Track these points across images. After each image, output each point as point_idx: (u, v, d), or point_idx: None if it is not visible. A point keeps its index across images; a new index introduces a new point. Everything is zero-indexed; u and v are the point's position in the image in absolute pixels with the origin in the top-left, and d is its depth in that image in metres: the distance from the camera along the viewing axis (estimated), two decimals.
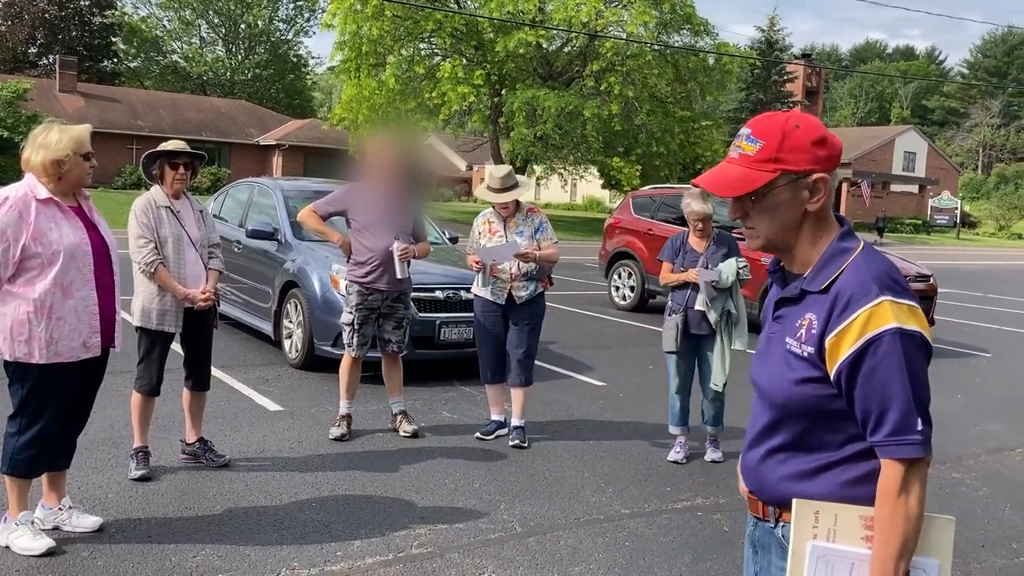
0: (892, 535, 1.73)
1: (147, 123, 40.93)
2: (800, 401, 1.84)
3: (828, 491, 1.82)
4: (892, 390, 1.72)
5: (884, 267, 1.80)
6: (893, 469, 1.73)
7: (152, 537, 4.07)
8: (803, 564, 1.84)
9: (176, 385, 5.37)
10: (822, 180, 1.83)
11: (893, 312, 1.73)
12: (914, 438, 1.71)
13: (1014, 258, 35.50)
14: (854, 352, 1.73)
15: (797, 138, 1.83)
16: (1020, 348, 11.48)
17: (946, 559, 1.78)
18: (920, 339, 1.74)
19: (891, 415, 1.72)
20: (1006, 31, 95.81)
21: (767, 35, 45.18)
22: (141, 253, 4.74)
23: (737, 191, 1.86)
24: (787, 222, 1.86)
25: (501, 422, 6.03)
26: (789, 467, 1.88)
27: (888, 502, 1.74)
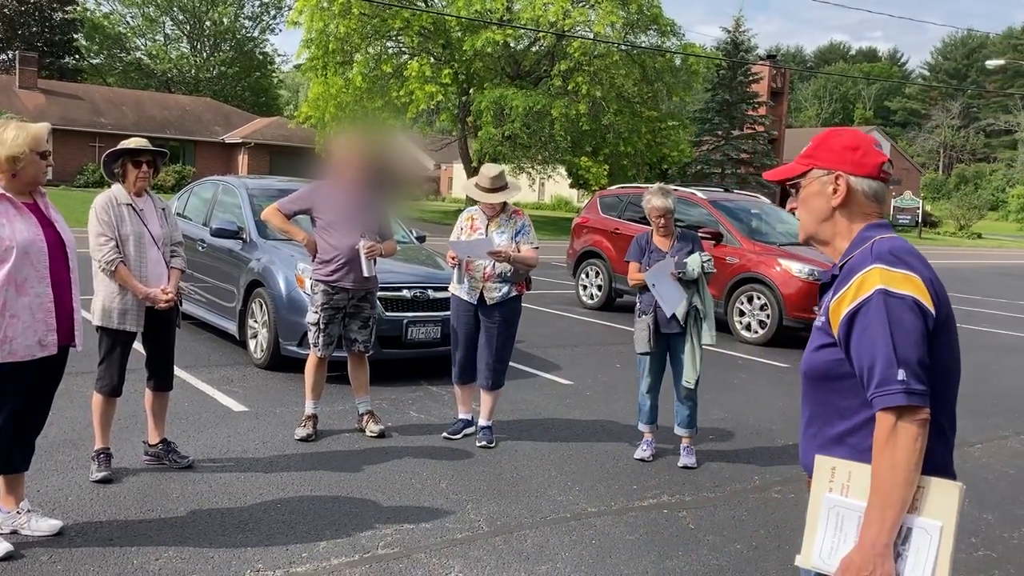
0: (879, 484, 1.83)
1: (110, 120, 40.36)
2: (817, 367, 2.02)
3: (852, 457, 1.95)
4: (877, 346, 1.85)
5: (891, 246, 1.96)
6: (881, 419, 1.85)
7: (113, 540, 4.02)
8: (818, 515, 1.95)
9: (139, 385, 5.30)
10: (841, 178, 2.06)
11: (881, 277, 1.89)
12: (895, 387, 1.82)
13: (974, 257, 36.11)
14: (848, 313, 1.91)
15: (832, 141, 2.11)
16: (981, 345, 11.68)
17: (949, 522, 1.81)
18: (912, 301, 1.87)
19: (876, 368, 1.85)
20: (965, 34, 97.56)
21: (733, 36, 45.48)
22: (102, 251, 4.66)
23: (778, 177, 2.19)
24: (818, 214, 2.10)
25: (468, 421, 6.01)
26: (818, 439, 2.04)
27: (876, 452, 1.85)
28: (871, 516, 1.84)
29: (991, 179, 79.82)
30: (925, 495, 1.84)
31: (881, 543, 1.82)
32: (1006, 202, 70.26)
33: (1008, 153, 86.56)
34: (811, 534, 1.98)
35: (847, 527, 1.91)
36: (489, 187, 5.70)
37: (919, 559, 1.83)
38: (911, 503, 1.84)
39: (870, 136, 2.15)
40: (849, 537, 1.90)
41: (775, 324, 10.51)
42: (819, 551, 1.96)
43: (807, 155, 2.13)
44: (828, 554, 1.94)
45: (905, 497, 1.82)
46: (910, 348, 1.85)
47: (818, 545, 1.96)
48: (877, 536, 1.82)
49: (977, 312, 15.63)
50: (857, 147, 2.07)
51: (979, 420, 7.46)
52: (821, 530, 1.95)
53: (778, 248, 11.03)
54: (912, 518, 1.85)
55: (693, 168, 42.11)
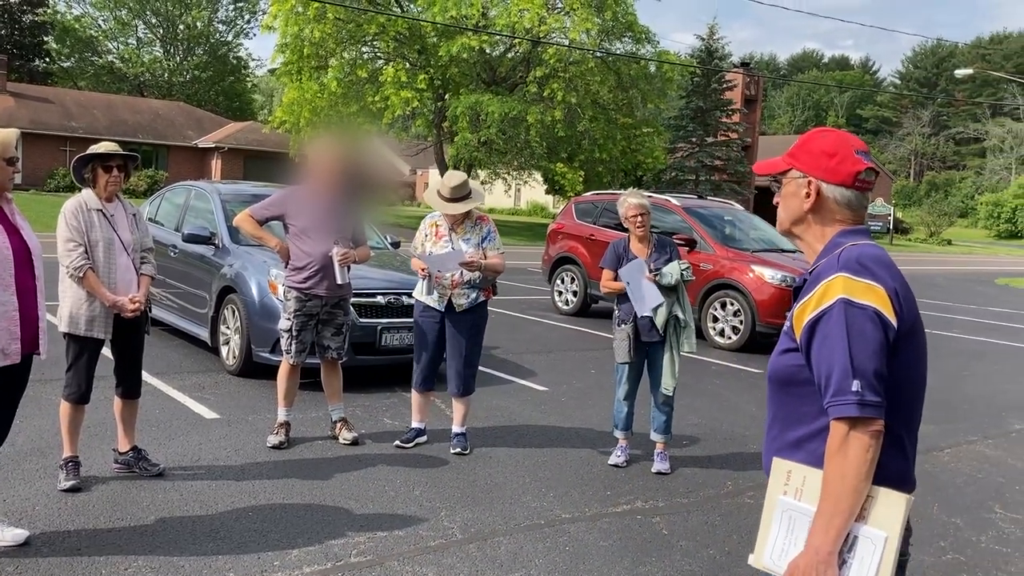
0: (828, 492, 1.84)
1: (81, 124, 39.93)
2: (780, 371, 2.03)
3: (808, 462, 1.96)
4: (834, 355, 1.86)
5: (859, 254, 1.94)
6: (835, 429, 1.85)
7: (82, 550, 3.96)
8: (772, 517, 1.97)
9: (108, 392, 5.23)
10: (811, 184, 2.06)
11: (844, 286, 1.89)
12: (848, 398, 1.83)
13: (944, 263, 36.55)
14: (810, 321, 1.91)
15: (812, 144, 2.09)
16: (950, 351, 11.81)
17: (893, 533, 1.83)
18: (872, 312, 1.87)
19: (833, 378, 1.86)
20: (935, 43, 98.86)
21: (707, 44, 45.76)
22: (70, 257, 4.60)
23: (763, 171, 2.19)
24: (793, 213, 2.11)
25: (421, 430, 5.98)
26: (777, 443, 2.05)
27: (828, 460, 1.86)
28: (818, 523, 1.85)
29: (961, 186, 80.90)
30: (873, 505, 1.86)
31: (825, 550, 1.83)
32: (975, 209, 71.21)
33: (977, 161, 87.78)
34: (764, 535, 2.00)
35: (798, 530, 1.93)
36: (450, 196, 5.61)
37: (862, 567, 1.84)
38: (859, 512, 1.85)
39: (853, 141, 2.09)
40: (799, 540, 1.92)
41: (748, 330, 10.58)
42: (770, 552, 1.98)
43: (791, 154, 2.13)
44: (779, 556, 1.96)
45: (853, 506, 1.83)
46: (867, 359, 1.85)
47: (770, 546, 1.98)
48: (822, 543, 1.83)
49: (947, 318, 15.82)
50: (834, 153, 2.05)
51: (948, 425, 7.54)
52: (774, 532, 1.98)
53: (751, 255, 11.11)
54: (859, 526, 1.86)
55: (668, 175, 42.30)
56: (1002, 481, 6.04)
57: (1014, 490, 5.86)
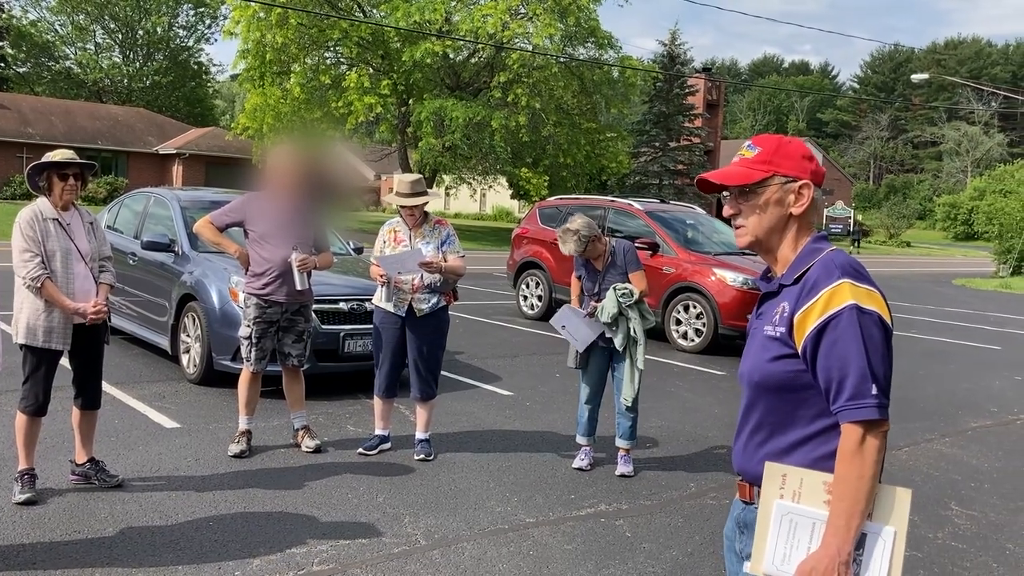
0: (846, 493, 1.87)
1: (38, 131, 39.27)
2: (773, 377, 2.02)
3: (804, 465, 1.98)
4: (849, 360, 1.89)
5: (849, 260, 2.01)
6: (850, 431, 1.89)
7: (37, 563, 3.90)
8: (769, 522, 1.96)
9: (66, 403, 5.15)
10: (806, 187, 2.07)
11: (852, 292, 1.93)
12: (869, 402, 1.88)
13: (903, 265, 37.15)
14: (817, 326, 1.93)
15: (789, 149, 2.10)
16: (908, 351, 12.00)
17: (902, 527, 1.89)
18: (878, 318, 1.94)
19: (849, 382, 1.89)
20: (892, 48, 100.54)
21: (669, 49, 46.17)
22: (27, 267, 4.53)
23: (737, 181, 2.11)
24: (774, 222, 2.09)
25: (385, 437, 5.96)
26: (767, 447, 2.05)
27: (844, 462, 1.89)
28: (837, 524, 1.87)
29: (919, 189, 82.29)
30: (879, 502, 1.91)
31: (846, 550, 1.86)
32: (933, 211, 72.44)
33: (934, 164, 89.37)
34: (761, 541, 1.99)
35: (800, 533, 1.94)
36: (408, 192, 5.67)
37: (875, 563, 1.88)
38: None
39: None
40: (802, 544, 1.93)
41: (711, 332, 10.67)
42: (771, 558, 1.97)
43: (766, 160, 2.09)
44: (781, 560, 1.95)
45: (868, 506, 1.88)
46: (880, 363, 1.92)
47: (770, 552, 1.97)
48: (843, 543, 1.86)
49: (906, 319, 16.07)
50: (812, 157, 2.11)
51: (906, 424, 7.66)
52: (772, 537, 1.97)
53: (713, 258, 11.21)
54: (867, 524, 1.90)
55: (631, 179, 42.62)
56: (958, 478, 6.15)
57: (969, 487, 5.97)
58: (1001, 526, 5.23)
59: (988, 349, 12.71)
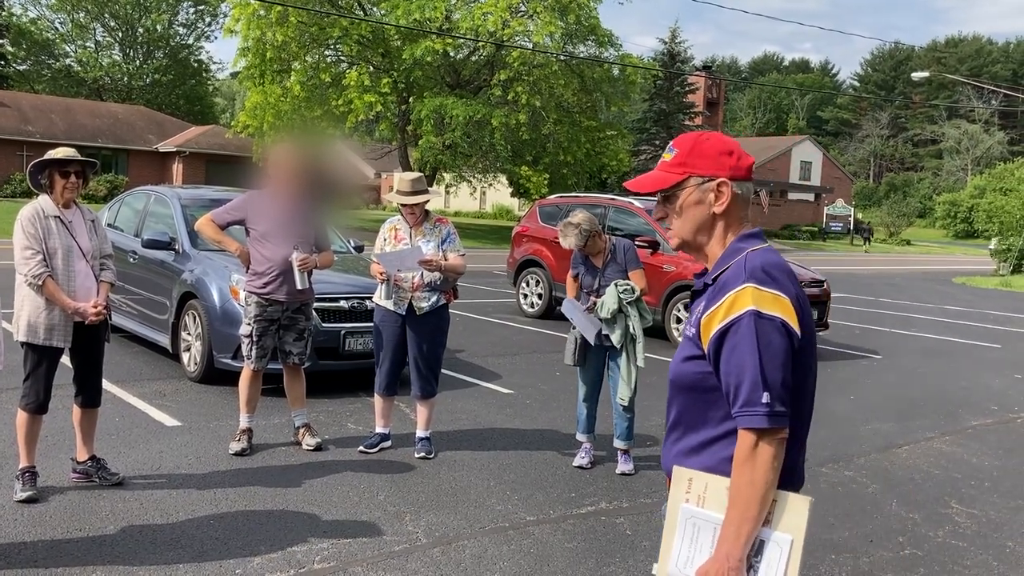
0: (737, 499, 1.87)
1: (38, 129, 39.28)
2: (684, 377, 2.03)
3: (711, 465, 1.98)
4: (744, 366, 1.88)
5: (762, 262, 1.96)
6: (743, 438, 1.88)
7: (38, 561, 3.90)
8: (675, 525, 1.97)
9: (66, 401, 5.16)
10: (725, 185, 2.04)
11: (753, 297, 1.90)
12: (758, 409, 1.86)
13: (903, 263, 37.15)
14: (719, 331, 1.92)
15: (705, 148, 2.07)
16: (908, 350, 12.01)
17: (799, 536, 1.87)
18: (780, 324, 1.90)
19: (743, 388, 1.88)
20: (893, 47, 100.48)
21: (669, 47, 46.18)
22: (28, 265, 4.53)
23: (651, 188, 2.10)
24: (698, 223, 2.07)
25: (385, 435, 5.96)
26: (680, 444, 2.06)
27: (736, 468, 1.88)
28: (728, 530, 1.87)
29: (919, 187, 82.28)
30: (778, 509, 1.89)
31: (736, 556, 1.86)
32: (933, 209, 72.42)
33: (934, 162, 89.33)
34: (668, 543, 2.00)
35: (702, 538, 1.94)
36: (409, 190, 5.67)
37: (770, 571, 1.87)
38: (765, 517, 1.89)
39: (734, 140, 2.15)
40: (704, 548, 1.93)
41: None
42: (675, 560, 1.98)
43: (681, 162, 2.07)
44: (684, 563, 1.96)
45: (761, 513, 1.86)
46: (776, 370, 1.88)
47: (675, 555, 1.98)
48: (732, 549, 1.86)
49: (905, 317, 16.08)
50: (731, 151, 2.07)
51: (906, 422, 7.67)
52: (678, 540, 1.98)
53: None
54: (766, 531, 1.89)
55: (631, 177, 42.62)
56: (958, 477, 6.16)
57: (970, 485, 5.97)
58: (1001, 524, 5.24)
59: (988, 347, 12.71)
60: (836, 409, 8.04)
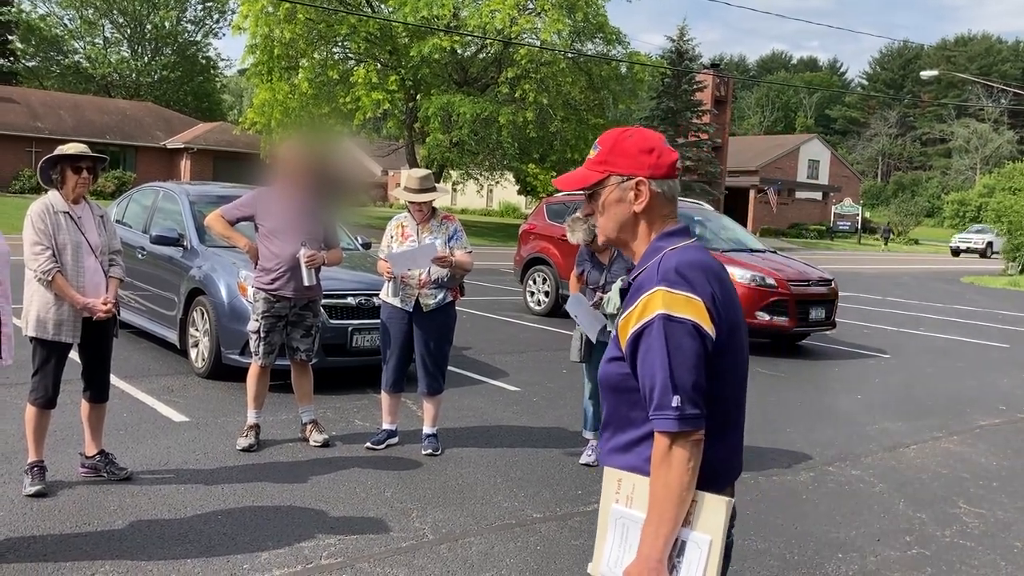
0: (654, 501, 1.89)
1: (47, 125, 39.39)
2: (610, 378, 2.04)
3: (637, 465, 1.99)
4: (655, 370, 1.89)
5: (677, 263, 1.95)
6: (658, 440, 1.89)
7: (47, 555, 3.92)
8: (607, 524, 2.02)
9: (75, 396, 5.18)
10: (643, 184, 2.03)
11: (664, 300, 1.90)
12: (668, 413, 1.87)
13: (911, 262, 37.04)
14: (633, 334, 1.93)
15: (626, 146, 2.06)
16: (916, 349, 11.98)
17: (717, 536, 1.90)
18: (691, 327, 1.89)
19: (656, 392, 1.89)
20: (902, 45, 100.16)
21: (677, 45, 46.07)
22: (37, 261, 4.55)
23: (574, 186, 2.12)
24: (621, 221, 2.07)
25: (392, 431, 5.97)
26: (611, 444, 2.07)
27: (653, 471, 1.90)
28: (647, 531, 1.89)
29: (927, 186, 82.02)
30: (698, 510, 1.91)
31: (655, 558, 1.87)
32: (941, 209, 72.16)
33: (943, 161, 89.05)
34: (600, 543, 2.02)
35: (631, 538, 1.96)
36: (417, 187, 5.67)
37: (690, 570, 1.89)
38: (686, 517, 1.90)
39: (658, 135, 2.13)
40: (633, 547, 1.95)
41: None
42: (607, 560, 2.00)
43: (602, 161, 2.07)
44: (615, 563, 1.98)
45: (678, 514, 1.88)
46: (686, 373, 1.87)
47: (606, 555, 2.00)
48: (651, 551, 1.87)
49: (913, 316, 16.03)
50: (652, 148, 2.05)
51: (914, 422, 7.65)
52: (609, 540, 2.00)
53: (721, 254, 11.19)
54: (686, 531, 1.91)
55: None
56: (966, 477, 6.14)
57: (978, 485, 5.96)
58: (1009, 524, 5.22)
59: (997, 347, 12.67)
60: (843, 408, 8.03)
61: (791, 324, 10.61)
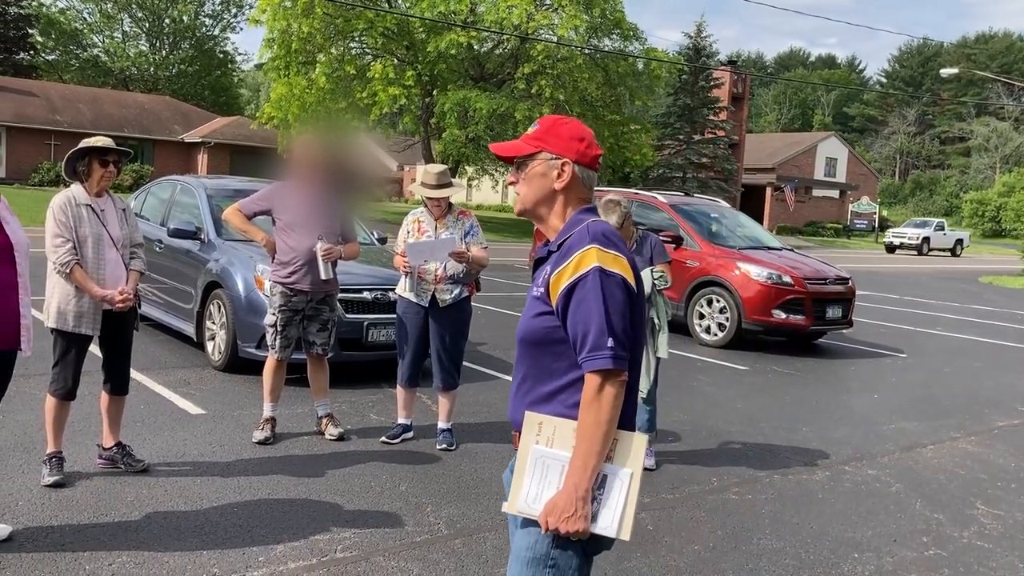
0: (584, 436, 2.07)
1: (66, 118, 39.63)
2: (534, 332, 2.21)
3: (558, 412, 2.17)
4: (591, 316, 2.09)
5: (603, 229, 2.21)
6: (590, 380, 2.08)
7: (65, 545, 3.95)
8: (526, 465, 2.17)
9: (93, 388, 5.21)
10: (568, 165, 2.26)
11: (598, 256, 2.13)
12: (604, 353, 2.07)
13: (927, 262, 36.77)
14: (567, 286, 2.13)
15: (561, 130, 2.30)
16: (934, 348, 11.90)
17: (637, 469, 2.12)
18: (620, 280, 2.13)
19: (590, 336, 2.08)
20: (921, 42, 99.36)
21: (694, 41, 45.85)
22: (57, 253, 4.58)
23: (508, 152, 2.34)
24: (541, 194, 2.29)
25: (407, 426, 5.98)
26: (529, 397, 2.23)
27: (583, 408, 2.08)
28: (575, 464, 2.07)
29: (945, 185, 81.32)
30: (618, 446, 2.12)
31: (583, 487, 2.05)
32: (960, 208, 71.60)
33: (962, 160, 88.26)
34: (519, 482, 2.17)
35: (551, 475, 2.12)
36: (435, 183, 5.67)
37: (612, 500, 2.09)
38: (607, 453, 2.10)
39: (589, 129, 2.36)
40: (552, 484, 2.12)
41: (734, 327, 10.62)
42: (525, 497, 2.15)
43: (537, 137, 2.29)
44: (534, 499, 2.13)
45: (604, 448, 2.08)
46: (619, 320, 2.10)
47: (524, 492, 2.15)
48: (580, 480, 2.05)
49: (931, 316, 15.93)
50: (583, 139, 2.29)
51: (931, 422, 7.60)
52: (528, 478, 2.15)
53: (737, 252, 11.16)
54: (608, 466, 2.11)
55: (655, 172, 42.38)
56: (984, 478, 6.10)
57: (996, 486, 5.91)
58: None
59: (1015, 347, 12.57)
60: (859, 407, 7.99)
61: (807, 322, 10.56)
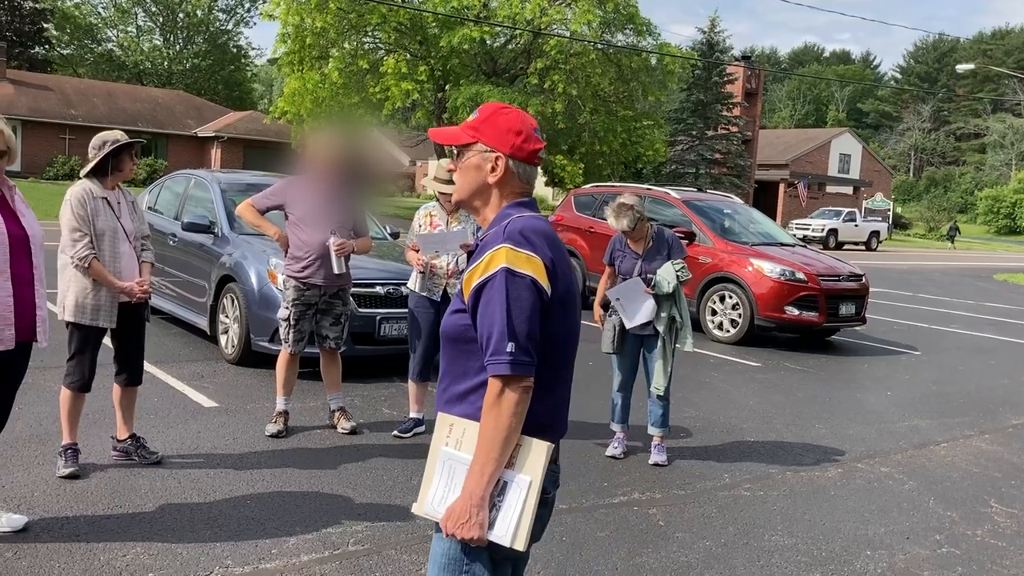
0: (483, 441, 2.03)
1: (80, 112, 39.84)
2: (451, 329, 2.17)
3: (470, 413, 2.12)
4: (494, 319, 2.04)
5: (522, 226, 2.12)
6: (491, 384, 2.04)
7: (80, 536, 3.98)
8: (435, 466, 2.14)
9: (107, 380, 5.24)
10: (500, 159, 2.20)
11: (507, 257, 2.06)
12: (503, 358, 2.02)
13: (942, 259, 36.57)
14: (476, 286, 2.09)
15: (499, 121, 2.22)
16: (948, 346, 11.83)
17: (536, 477, 2.06)
18: (530, 281, 2.06)
19: (492, 339, 2.04)
20: (937, 38, 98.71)
21: (708, 37, 45.69)
22: (75, 247, 4.60)
23: (443, 140, 2.32)
24: (474, 186, 2.24)
25: (419, 420, 5.99)
26: (447, 394, 2.20)
27: (484, 413, 2.04)
28: (473, 469, 2.03)
29: (960, 182, 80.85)
30: (520, 452, 2.07)
31: (478, 494, 2.01)
32: (975, 205, 71.18)
33: (977, 157, 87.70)
34: (427, 484, 2.14)
35: (457, 478, 2.09)
36: (447, 178, 5.67)
37: (510, 508, 2.05)
38: (509, 460, 2.05)
39: (531, 120, 2.28)
40: (458, 487, 2.08)
41: (747, 323, 10.59)
42: (432, 499, 2.13)
43: (474, 127, 2.23)
44: (439, 502, 2.11)
45: (504, 455, 2.02)
46: (523, 323, 2.03)
47: (431, 494, 2.13)
48: (475, 487, 2.01)
49: (945, 313, 15.84)
50: (520, 132, 2.21)
51: (945, 420, 7.56)
52: (436, 480, 2.13)
53: (750, 248, 11.12)
54: (509, 473, 2.06)
55: (667, 168, 42.30)
56: (998, 476, 6.06)
57: (1010, 485, 5.88)
58: None
59: None
60: (873, 404, 7.95)
61: (820, 319, 10.52)
